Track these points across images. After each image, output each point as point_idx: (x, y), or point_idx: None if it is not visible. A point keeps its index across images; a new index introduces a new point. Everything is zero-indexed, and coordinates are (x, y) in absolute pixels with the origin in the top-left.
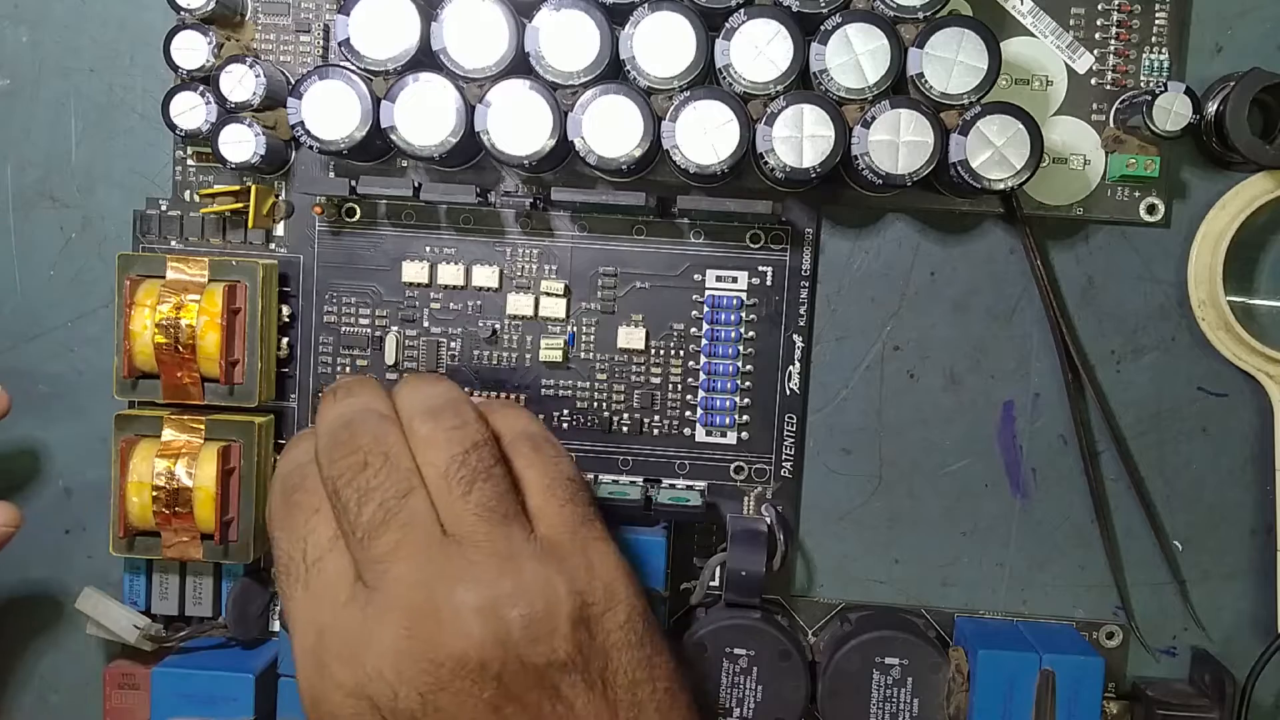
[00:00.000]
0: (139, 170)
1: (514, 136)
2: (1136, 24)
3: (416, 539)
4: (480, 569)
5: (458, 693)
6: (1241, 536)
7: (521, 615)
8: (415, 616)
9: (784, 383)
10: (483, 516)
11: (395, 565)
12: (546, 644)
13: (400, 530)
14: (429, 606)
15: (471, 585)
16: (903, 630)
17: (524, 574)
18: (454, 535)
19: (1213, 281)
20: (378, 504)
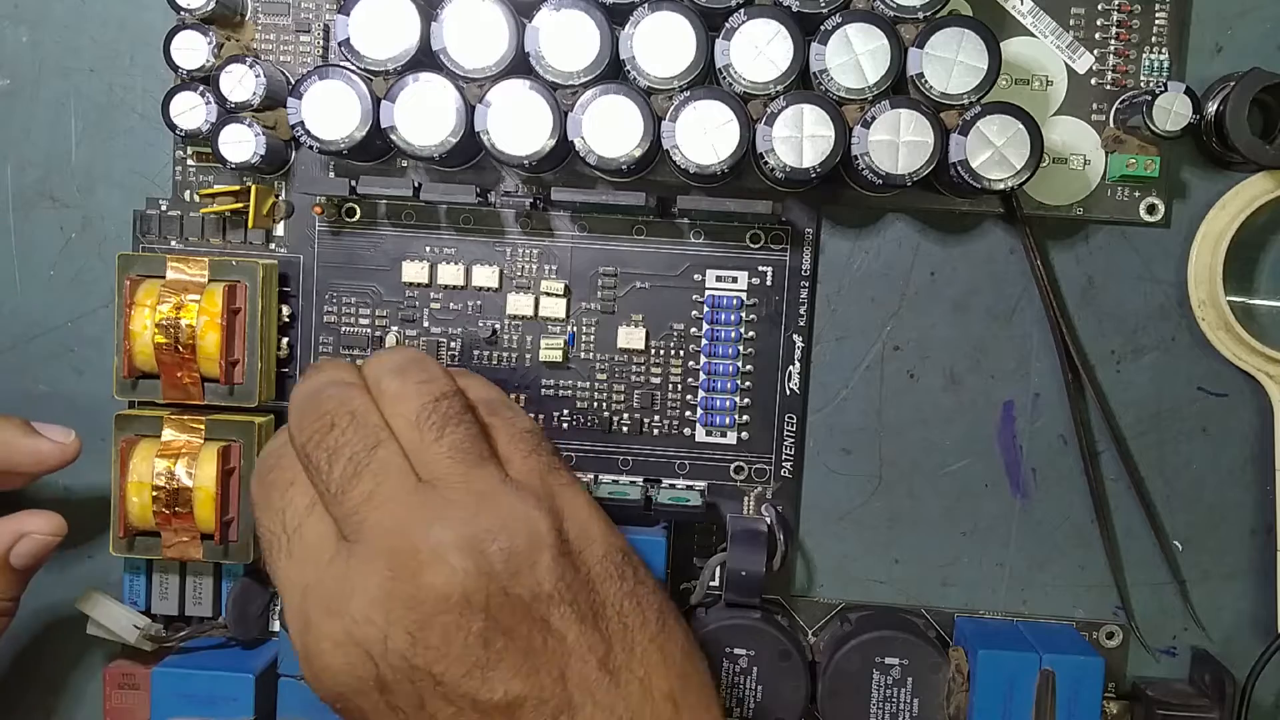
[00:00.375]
0: (139, 170)
1: (514, 136)
2: (1136, 24)
3: (390, 486)
4: (457, 507)
5: (445, 627)
6: (1241, 536)
7: (502, 549)
8: (395, 558)
9: (784, 383)
10: (456, 458)
11: (371, 513)
12: (530, 576)
13: (372, 480)
14: (408, 547)
15: (449, 523)
16: (903, 630)
17: (501, 509)
18: (429, 479)
19: (1213, 281)
20: (347, 458)
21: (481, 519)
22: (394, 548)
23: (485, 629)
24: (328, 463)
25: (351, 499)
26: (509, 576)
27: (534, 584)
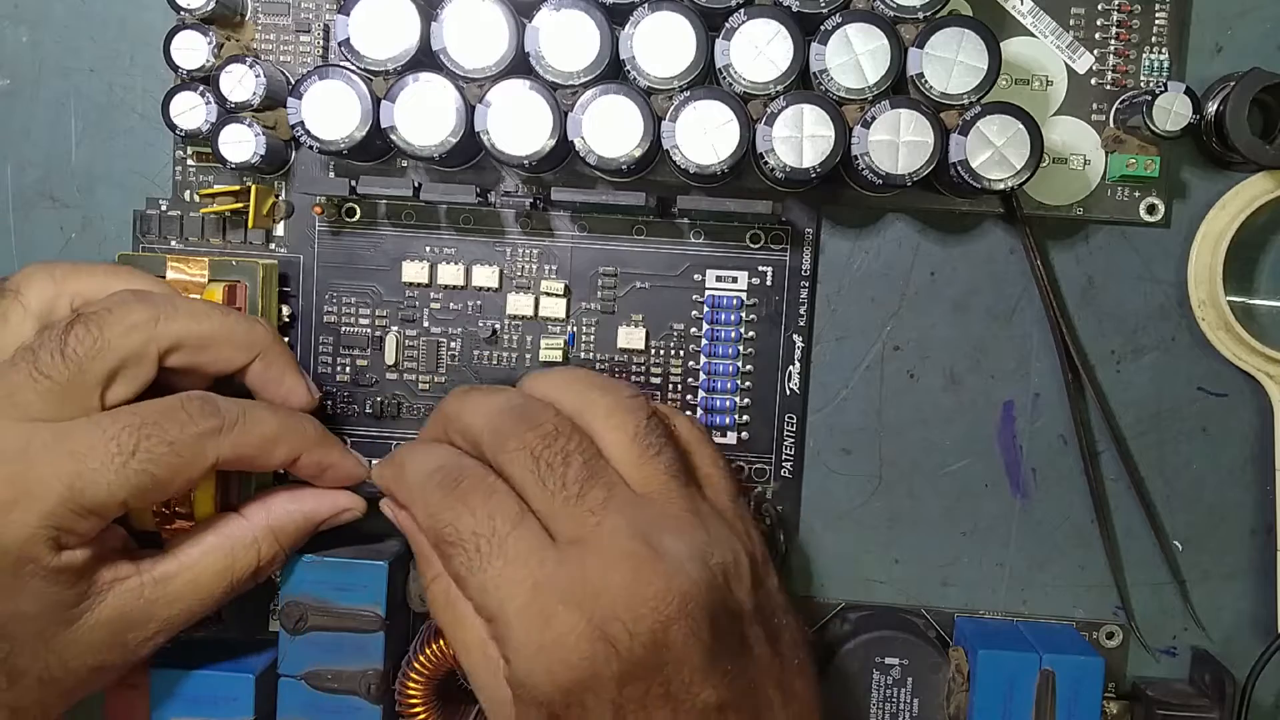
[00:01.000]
0: (139, 170)
1: (514, 136)
2: (1136, 24)
3: (621, 494)
4: (681, 521)
5: (683, 630)
6: (1241, 536)
7: (720, 564)
8: (640, 561)
9: (784, 383)
10: (673, 475)
11: (608, 517)
12: (739, 593)
13: (606, 487)
14: (649, 552)
15: (679, 534)
16: (903, 630)
17: (712, 529)
18: (645, 493)
19: (1213, 281)
20: (581, 463)
21: (700, 534)
22: (635, 551)
23: (711, 636)
24: (562, 466)
25: (589, 501)
26: (726, 591)
27: (740, 601)
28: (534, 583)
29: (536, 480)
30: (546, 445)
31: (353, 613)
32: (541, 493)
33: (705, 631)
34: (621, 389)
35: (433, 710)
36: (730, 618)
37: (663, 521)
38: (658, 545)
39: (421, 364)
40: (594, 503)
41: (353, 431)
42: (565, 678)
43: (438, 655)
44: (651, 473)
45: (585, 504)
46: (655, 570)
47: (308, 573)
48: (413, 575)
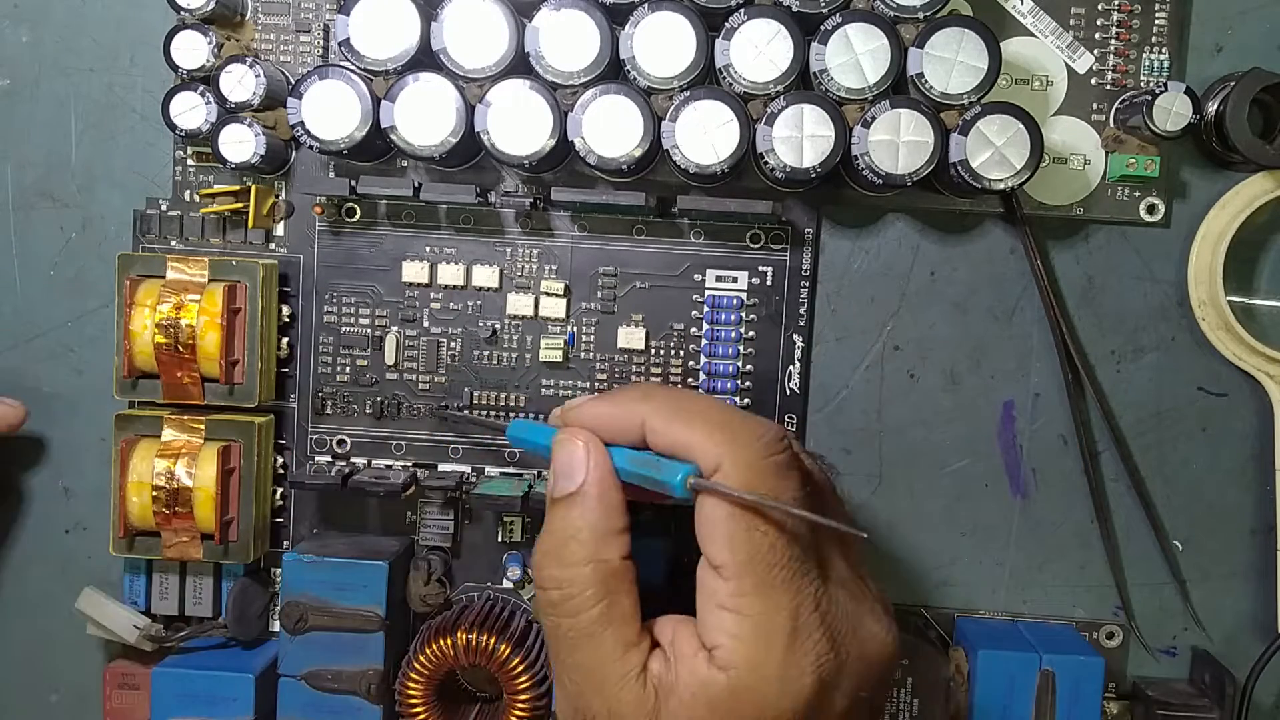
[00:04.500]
0: (139, 170)
1: (514, 136)
2: (1136, 24)
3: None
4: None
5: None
6: (1241, 536)
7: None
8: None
9: (784, 383)
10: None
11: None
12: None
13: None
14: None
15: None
16: (903, 630)
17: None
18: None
19: (1213, 281)
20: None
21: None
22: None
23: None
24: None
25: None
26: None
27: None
28: (800, 610)
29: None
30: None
31: (353, 613)
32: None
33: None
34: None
35: (433, 710)
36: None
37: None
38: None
39: (421, 364)
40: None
41: (353, 431)
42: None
43: (438, 655)
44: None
45: (847, 554)
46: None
47: (308, 573)
48: (412, 575)
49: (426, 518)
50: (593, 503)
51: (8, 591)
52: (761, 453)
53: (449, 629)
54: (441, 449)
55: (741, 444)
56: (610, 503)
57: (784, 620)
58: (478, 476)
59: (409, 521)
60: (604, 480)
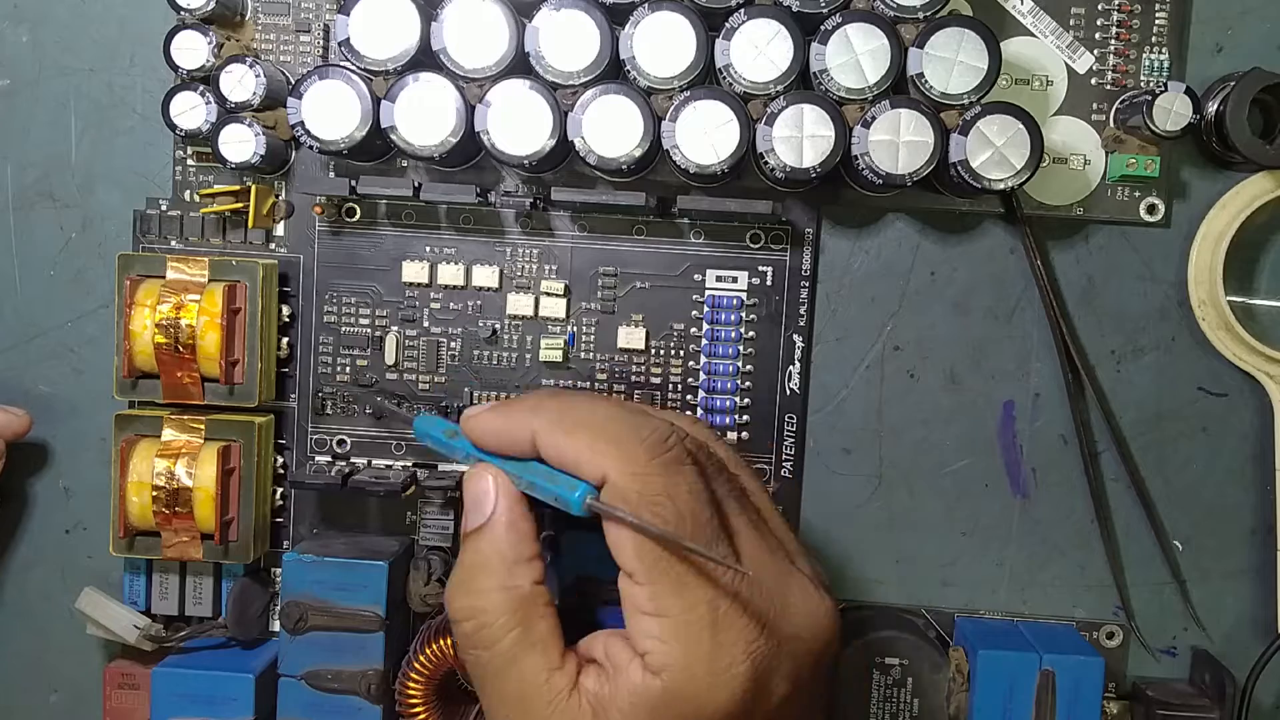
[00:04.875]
0: (139, 170)
1: (514, 136)
2: (1136, 24)
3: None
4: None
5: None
6: (1241, 536)
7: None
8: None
9: (784, 383)
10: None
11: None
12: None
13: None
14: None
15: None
16: (903, 630)
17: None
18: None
19: (1213, 281)
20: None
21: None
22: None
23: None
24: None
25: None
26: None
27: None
28: (717, 602)
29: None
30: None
31: (353, 613)
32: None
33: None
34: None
35: (433, 710)
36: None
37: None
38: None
39: (421, 364)
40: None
41: (353, 431)
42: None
43: (438, 655)
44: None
45: (764, 535)
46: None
47: (308, 573)
48: (412, 575)
49: (426, 518)
50: (501, 531)
51: (8, 591)
52: (644, 456)
53: (449, 629)
54: None
55: (624, 452)
56: (519, 531)
57: (703, 613)
58: None
59: (409, 521)
60: (512, 510)
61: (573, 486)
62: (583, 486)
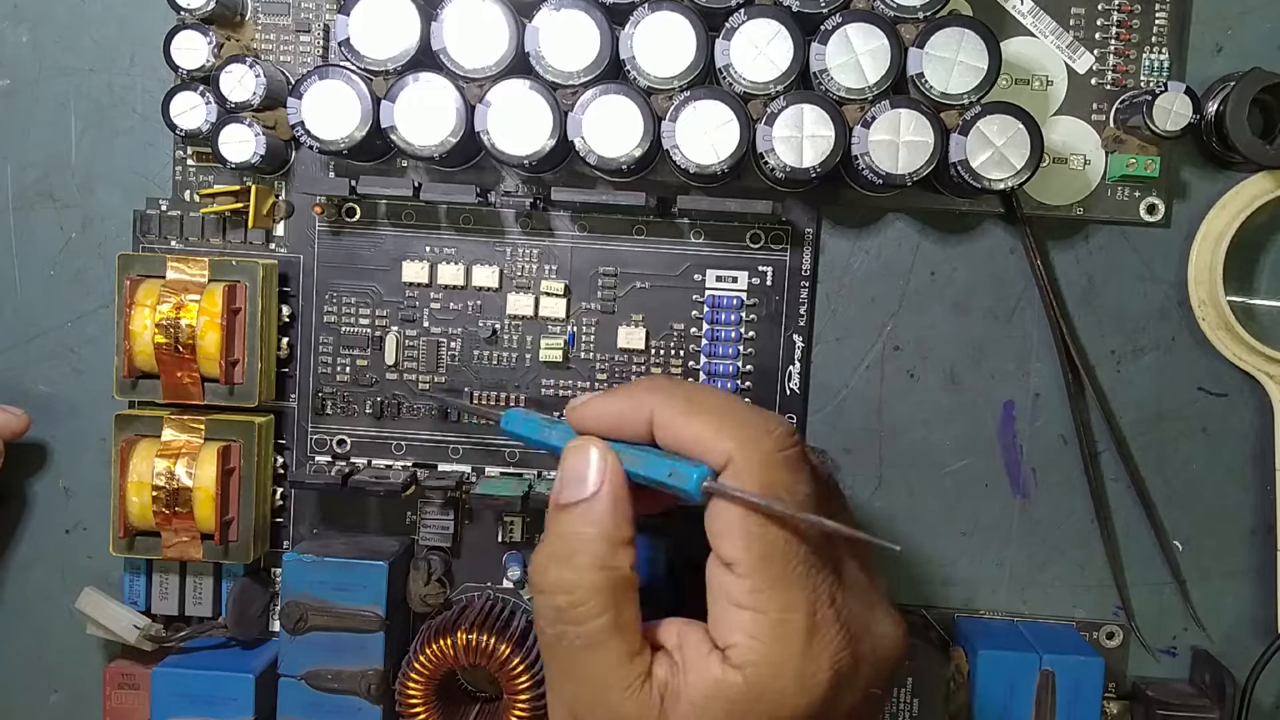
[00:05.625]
0: (139, 170)
1: (514, 136)
2: (1136, 24)
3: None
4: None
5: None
6: (1241, 536)
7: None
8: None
9: (784, 383)
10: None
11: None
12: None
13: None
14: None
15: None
16: None
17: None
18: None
19: (1213, 281)
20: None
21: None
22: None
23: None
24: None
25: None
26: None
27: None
28: (815, 606)
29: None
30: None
31: (353, 613)
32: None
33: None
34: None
35: (433, 710)
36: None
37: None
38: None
39: (421, 364)
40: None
41: (353, 431)
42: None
43: (438, 655)
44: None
45: (858, 553)
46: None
47: (308, 573)
48: (412, 575)
49: (426, 518)
50: (606, 508)
51: (8, 591)
52: (773, 447)
53: (449, 629)
54: (441, 449)
55: (752, 439)
56: (622, 512)
57: (801, 617)
58: (478, 476)
59: (409, 521)
60: (618, 489)
61: (688, 475)
62: (701, 470)
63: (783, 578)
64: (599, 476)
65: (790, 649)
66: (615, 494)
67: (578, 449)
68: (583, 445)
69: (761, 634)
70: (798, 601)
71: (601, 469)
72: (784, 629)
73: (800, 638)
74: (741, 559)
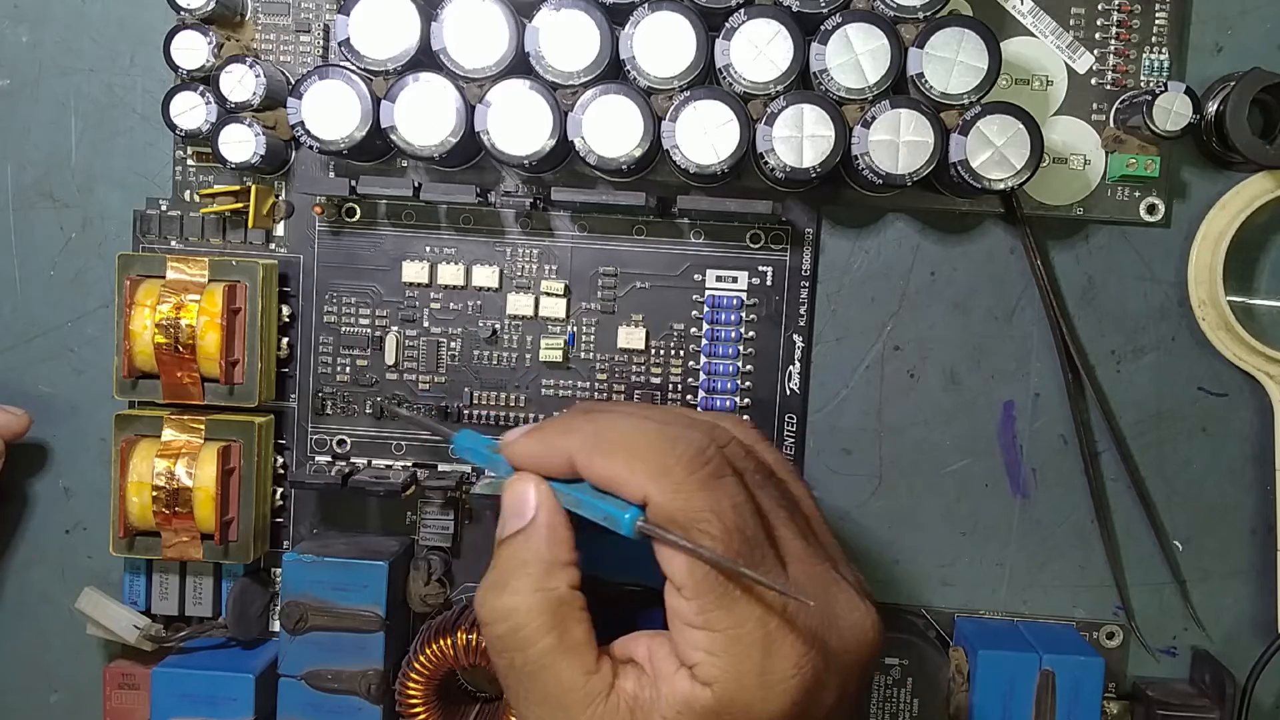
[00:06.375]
0: (139, 170)
1: (514, 136)
2: (1136, 24)
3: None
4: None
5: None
6: (1241, 536)
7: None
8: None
9: (784, 383)
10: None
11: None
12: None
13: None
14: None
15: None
16: (903, 630)
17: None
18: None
19: (1213, 281)
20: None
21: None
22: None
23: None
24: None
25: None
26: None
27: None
28: (767, 618)
29: (782, 512)
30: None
31: (353, 613)
32: (784, 526)
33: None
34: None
35: (433, 710)
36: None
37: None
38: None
39: (421, 364)
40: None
41: (353, 431)
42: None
43: (438, 655)
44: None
45: (810, 543)
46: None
47: (308, 573)
48: (412, 575)
49: (426, 518)
50: (541, 533)
51: (8, 591)
52: (683, 473)
53: (449, 629)
54: (442, 449)
55: (661, 470)
56: (559, 535)
57: (753, 629)
58: (477, 476)
59: (409, 521)
60: (553, 515)
61: (623, 508)
62: (633, 509)
63: (727, 595)
64: (532, 507)
65: (749, 663)
66: (550, 520)
67: (515, 483)
68: (518, 482)
69: (718, 650)
70: (747, 616)
71: (535, 501)
72: (739, 645)
73: (757, 650)
74: (686, 583)
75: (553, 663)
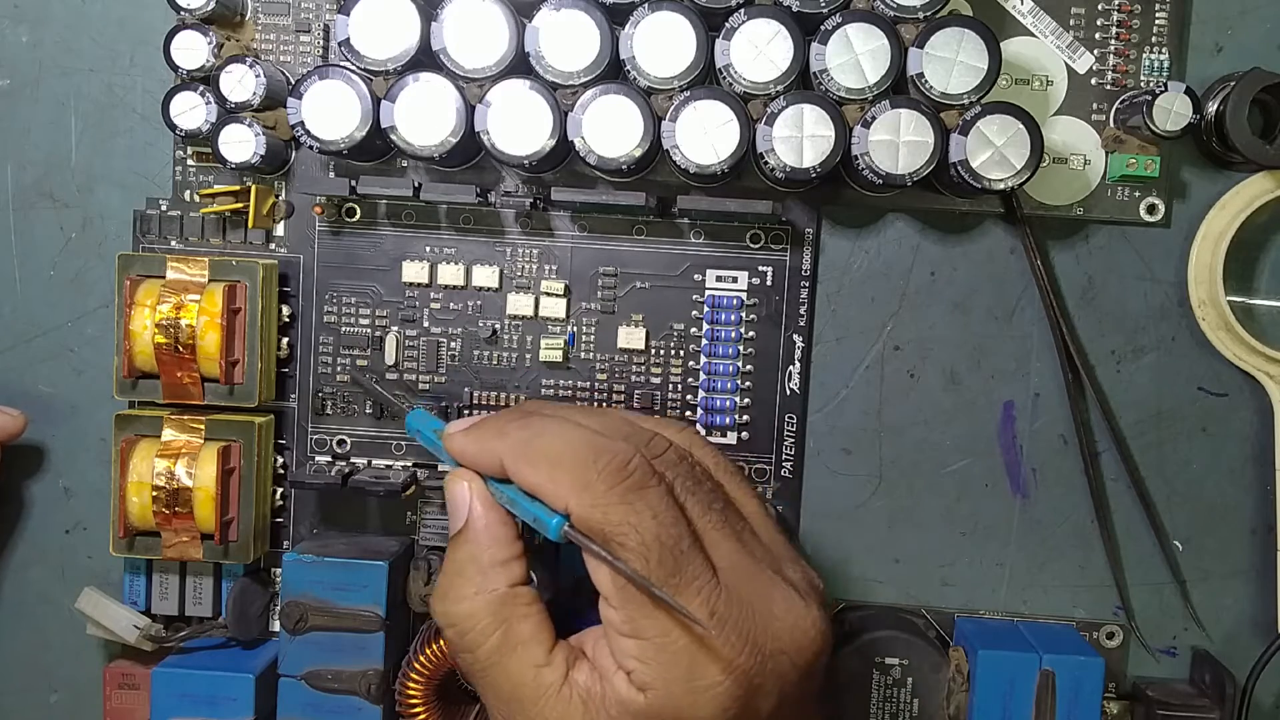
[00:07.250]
0: (139, 170)
1: (514, 136)
2: (1136, 24)
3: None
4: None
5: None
6: (1241, 536)
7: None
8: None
9: (784, 383)
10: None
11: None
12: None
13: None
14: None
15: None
16: (903, 630)
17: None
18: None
19: (1213, 281)
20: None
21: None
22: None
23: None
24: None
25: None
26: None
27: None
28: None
29: (702, 504)
30: (695, 478)
31: (353, 613)
32: (704, 516)
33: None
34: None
35: (433, 710)
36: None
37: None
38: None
39: (421, 364)
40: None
41: (353, 431)
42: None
43: (438, 655)
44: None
45: (747, 544)
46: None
47: (308, 573)
48: (412, 575)
49: (426, 518)
50: (476, 535)
51: (8, 591)
52: (602, 486)
53: None
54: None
55: (582, 484)
56: (494, 534)
57: (679, 636)
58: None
59: (409, 521)
60: (486, 514)
61: (550, 514)
62: (559, 516)
63: (651, 605)
64: (465, 507)
65: (678, 669)
66: (484, 520)
67: (450, 485)
68: (453, 481)
69: (648, 658)
70: (672, 624)
71: (467, 499)
72: (666, 651)
73: (684, 656)
74: (611, 593)
75: (500, 660)
